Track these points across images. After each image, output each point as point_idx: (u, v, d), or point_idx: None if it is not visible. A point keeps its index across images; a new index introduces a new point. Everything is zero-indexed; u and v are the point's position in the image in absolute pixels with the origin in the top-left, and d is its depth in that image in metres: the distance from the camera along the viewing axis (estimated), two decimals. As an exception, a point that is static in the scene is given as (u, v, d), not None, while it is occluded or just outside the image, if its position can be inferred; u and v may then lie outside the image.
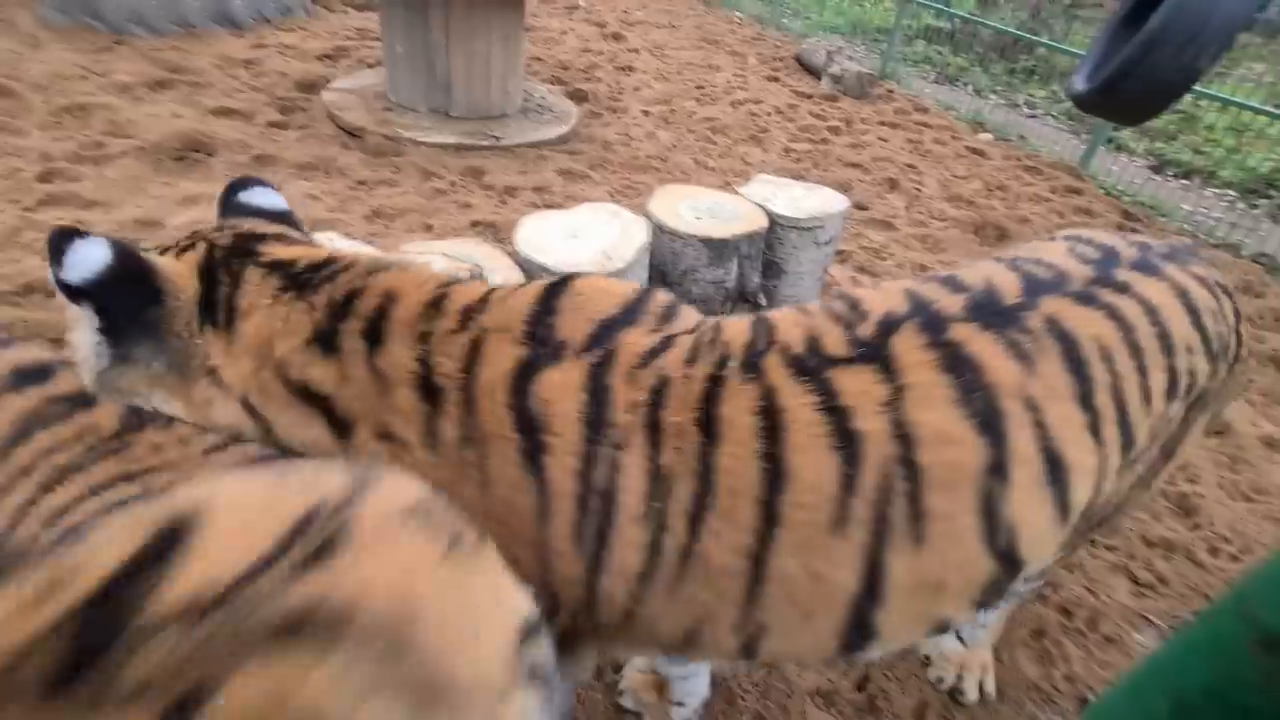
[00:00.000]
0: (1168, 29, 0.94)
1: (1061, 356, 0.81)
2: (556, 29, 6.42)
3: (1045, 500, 0.79)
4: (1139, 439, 0.86)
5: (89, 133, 3.29)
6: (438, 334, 0.81)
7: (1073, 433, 0.79)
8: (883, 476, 0.76)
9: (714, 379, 0.80)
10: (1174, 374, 0.88)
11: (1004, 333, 0.81)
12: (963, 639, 1.50)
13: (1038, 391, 0.79)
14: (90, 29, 4.51)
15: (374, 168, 3.43)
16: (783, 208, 2.22)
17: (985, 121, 5.72)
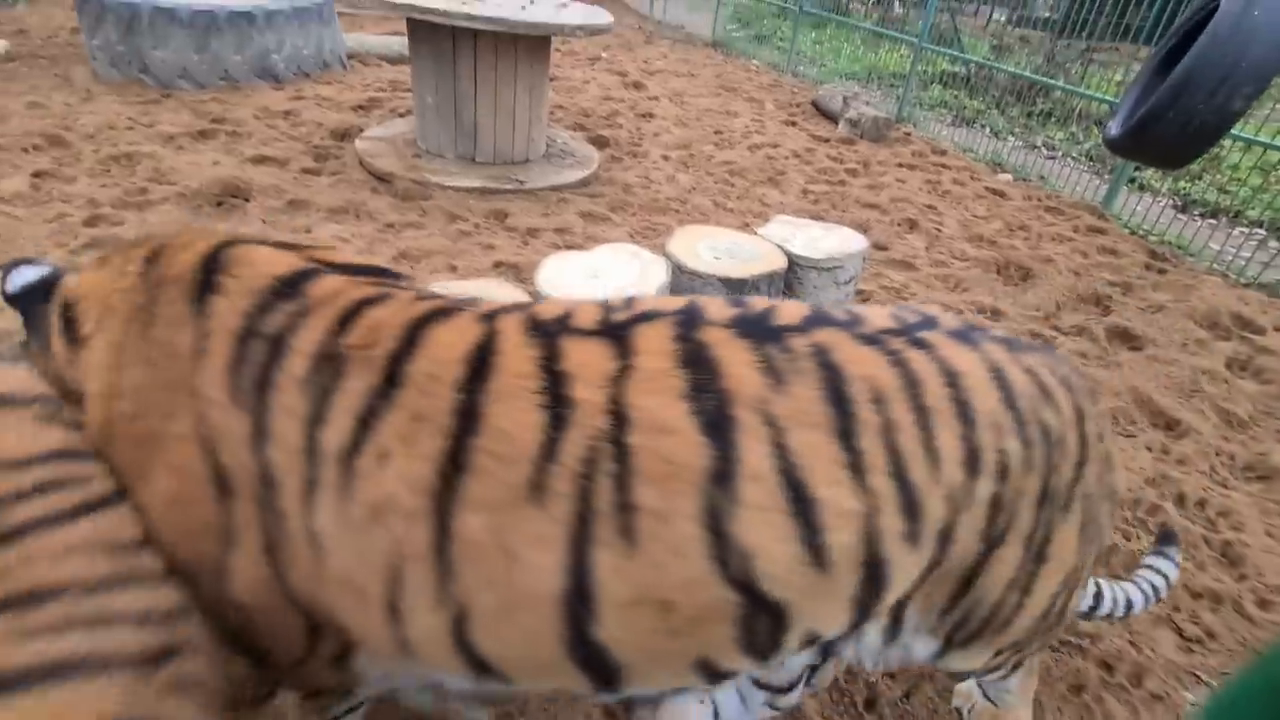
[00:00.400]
0: (1197, 73, 0.95)
1: (820, 384, 0.75)
2: (579, 78, 6.65)
3: (787, 532, 0.71)
4: (928, 505, 0.77)
5: (134, 180, 3.45)
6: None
7: (823, 466, 0.73)
8: (589, 449, 0.71)
9: (429, 317, 0.80)
10: (974, 446, 0.79)
11: (760, 345, 0.77)
12: (991, 698, 1.43)
13: (782, 411, 0.73)
14: (140, 83, 4.79)
15: (402, 211, 3.54)
16: (801, 248, 2.23)
17: (1004, 162, 5.74)
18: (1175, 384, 2.90)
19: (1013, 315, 3.37)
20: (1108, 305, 3.54)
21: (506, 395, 0.73)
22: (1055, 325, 3.33)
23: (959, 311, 3.33)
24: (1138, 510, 2.25)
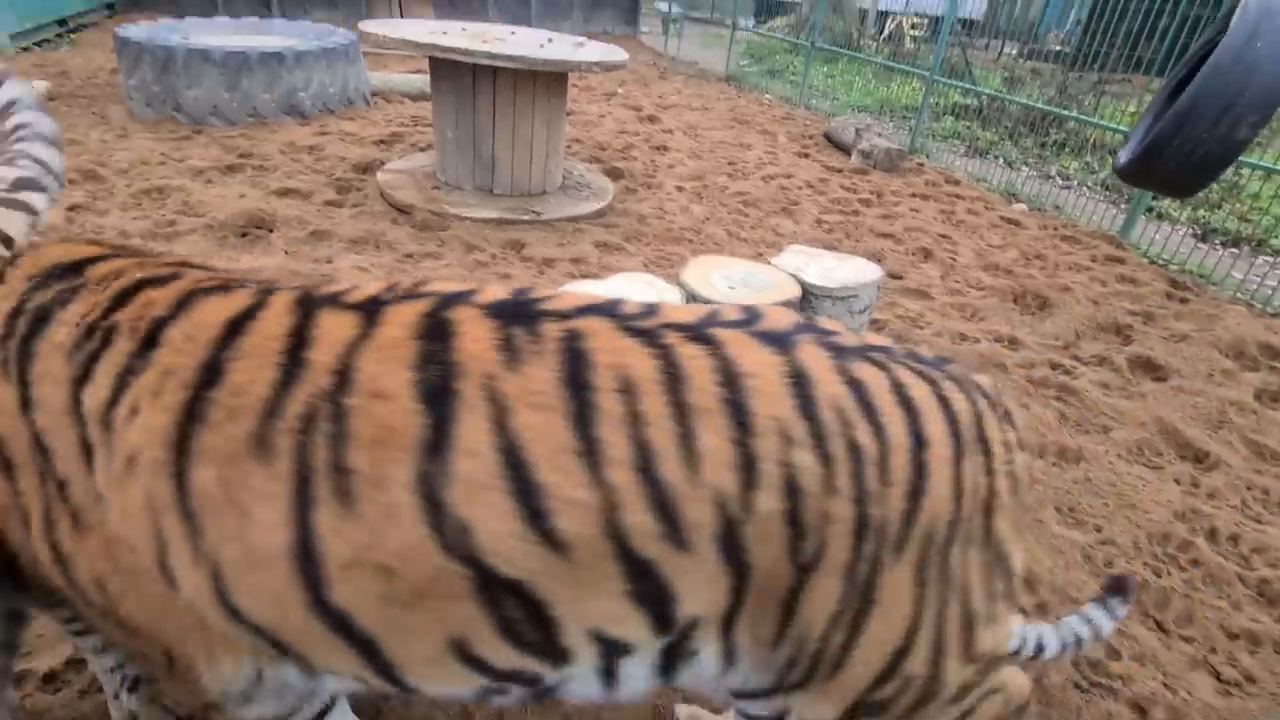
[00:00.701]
0: (1200, 102, 0.95)
1: (559, 367, 0.73)
2: (595, 113, 6.80)
3: (508, 510, 0.70)
4: (687, 507, 0.72)
5: (163, 212, 3.56)
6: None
7: (550, 451, 0.71)
8: (309, 408, 0.72)
9: (206, 290, 0.83)
10: (748, 453, 0.73)
11: (506, 326, 0.77)
12: None
13: (510, 389, 0.72)
14: (173, 120, 4.97)
15: (421, 241, 3.61)
16: (815, 277, 2.23)
17: (1018, 192, 5.74)
18: (1202, 415, 2.83)
19: (1031, 344, 3.33)
20: (1129, 335, 3.49)
21: (250, 354, 0.76)
22: (1075, 355, 3.28)
23: (975, 341, 3.30)
24: (1168, 546, 2.18)
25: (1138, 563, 2.10)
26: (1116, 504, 2.33)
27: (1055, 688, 1.67)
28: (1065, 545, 2.13)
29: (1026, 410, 2.81)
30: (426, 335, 0.76)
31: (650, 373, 0.75)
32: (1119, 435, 2.69)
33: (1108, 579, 1.19)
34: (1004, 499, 0.87)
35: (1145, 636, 1.85)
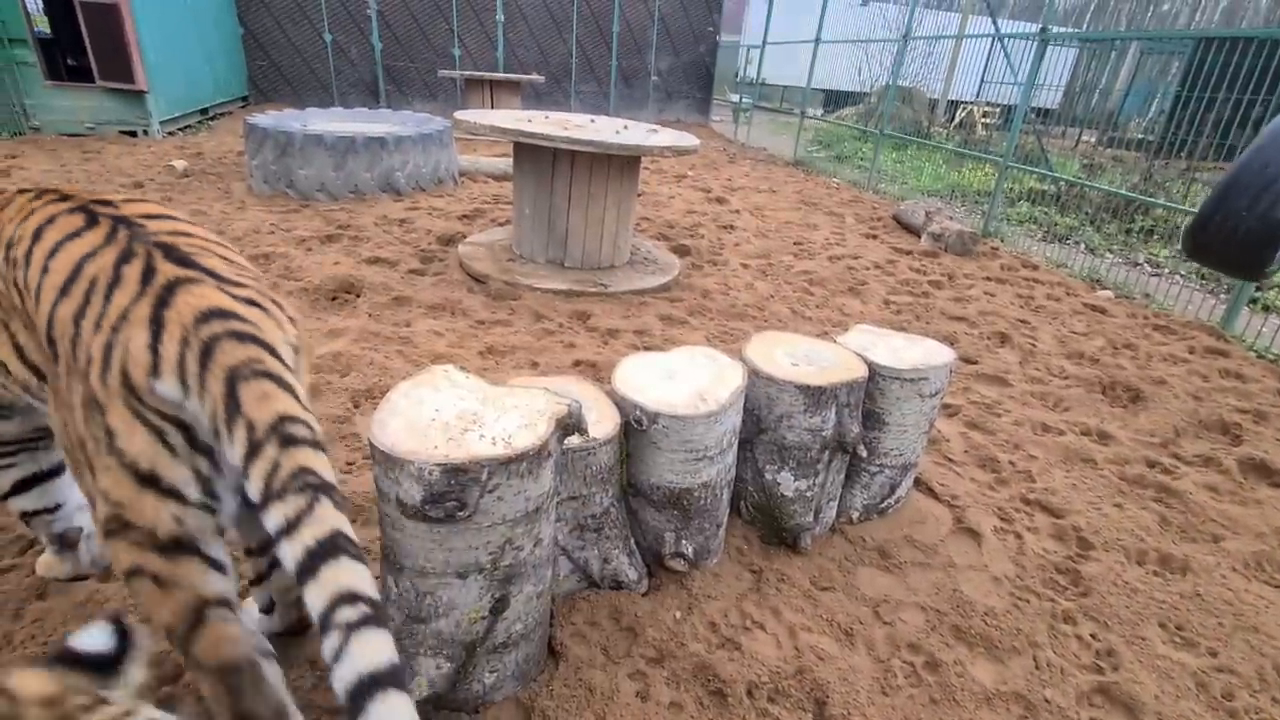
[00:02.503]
0: (1240, 179, 0.91)
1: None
2: (665, 194, 7.08)
3: None
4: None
5: (268, 275, 3.89)
6: None
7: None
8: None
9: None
10: None
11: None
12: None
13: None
14: (285, 196, 5.51)
15: (493, 309, 3.77)
16: (883, 357, 2.17)
17: (1102, 279, 5.50)
18: (1333, 529, 2.51)
19: (1123, 440, 3.09)
20: (1238, 434, 3.18)
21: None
22: (1175, 453, 3.01)
23: (1060, 433, 3.09)
24: (1301, 680, 1.89)
25: (1264, 697, 1.83)
26: (1234, 625, 2.06)
27: (1169, 842, 1.43)
28: (1173, 669, 1.88)
29: (1120, 510, 2.57)
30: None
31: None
32: (1232, 546, 2.41)
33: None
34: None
35: (1280, 790, 1.58)
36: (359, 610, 0.89)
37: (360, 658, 0.85)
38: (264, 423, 0.98)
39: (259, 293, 1.16)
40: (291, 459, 0.98)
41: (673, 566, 1.96)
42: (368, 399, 2.74)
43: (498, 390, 1.55)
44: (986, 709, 1.71)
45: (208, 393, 0.98)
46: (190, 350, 0.99)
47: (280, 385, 1.04)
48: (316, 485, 0.98)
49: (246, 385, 0.99)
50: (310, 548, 0.92)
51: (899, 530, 2.31)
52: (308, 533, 0.92)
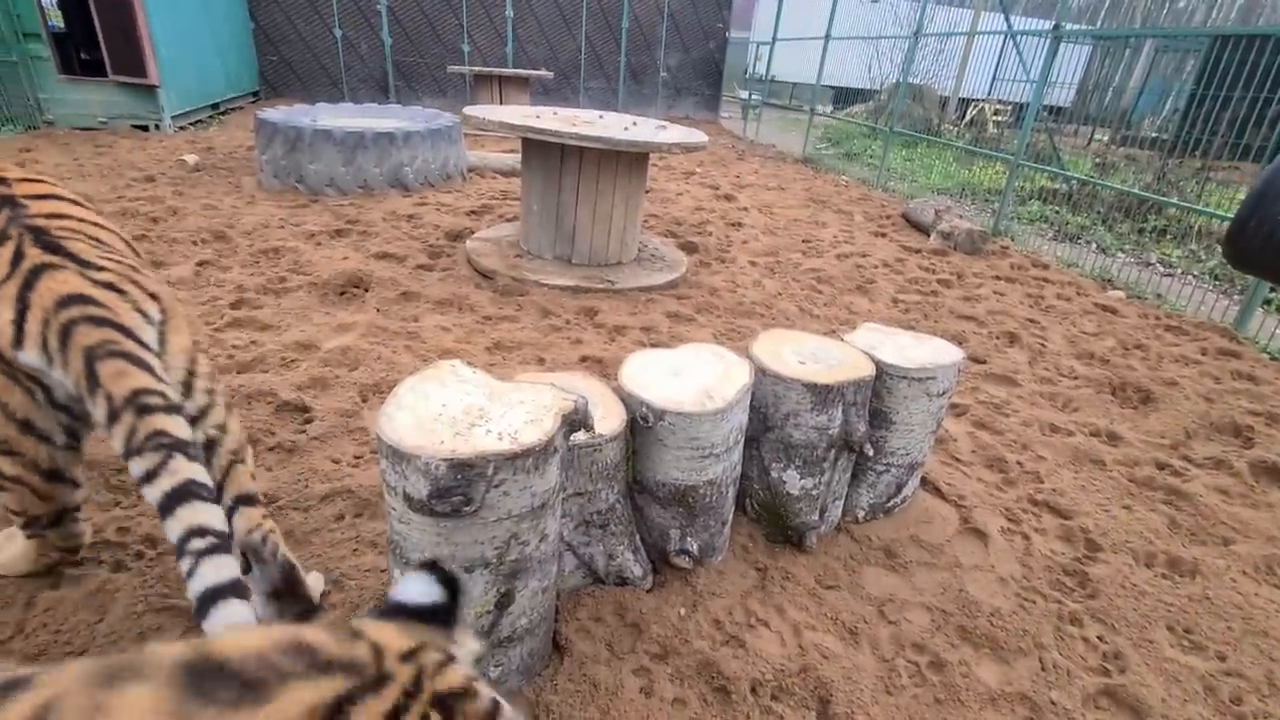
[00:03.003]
0: (1274, 182, 0.90)
1: None
2: (673, 191, 7.06)
3: None
4: None
5: (277, 270, 3.91)
6: None
7: None
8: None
9: None
10: None
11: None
12: None
13: None
14: (295, 191, 5.53)
15: (500, 305, 3.78)
16: (890, 356, 2.16)
17: (1114, 278, 5.45)
18: (1346, 533, 2.48)
19: (1133, 441, 3.06)
20: (1249, 437, 3.15)
21: None
22: (1186, 455, 2.99)
23: (1069, 433, 3.07)
24: (1311, 685, 1.87)
25: (1273, 702, 1.81)
26: (1243, 629, 2.04)
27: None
28: (1181, 672, 1.87)
29: (1129, 512, 2.55)
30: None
31: None
32: (1243, 549, 2.39)
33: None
34: None
35: (1288, 795, 1.57)
36: (208, 541, 1.14)
37: (208, 576, 1.09)
38: (120, 395, 1.17)
39: (119, 275, 1.31)
40: (147, 424, 1.17)
41: (678, 563, 1.96)
42: (375, 393, 2.75)
43: (504, 386, 1.55)
44: (991, 710, 1.70)
45: (70, 366, 1.18)
46: (51, 330, 1.18)
47: (133, 362, 1.22)
48: (170, 444, 1.21)
49: (103, 364, 1.17)
50: (167, 492, 1.15)
51: (905, 530, 2.30)
52: (164, 481, 1.15)
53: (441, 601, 0.64)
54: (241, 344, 3.03)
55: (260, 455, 2.32)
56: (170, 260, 3.86)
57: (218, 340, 3.03)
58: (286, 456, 2.33)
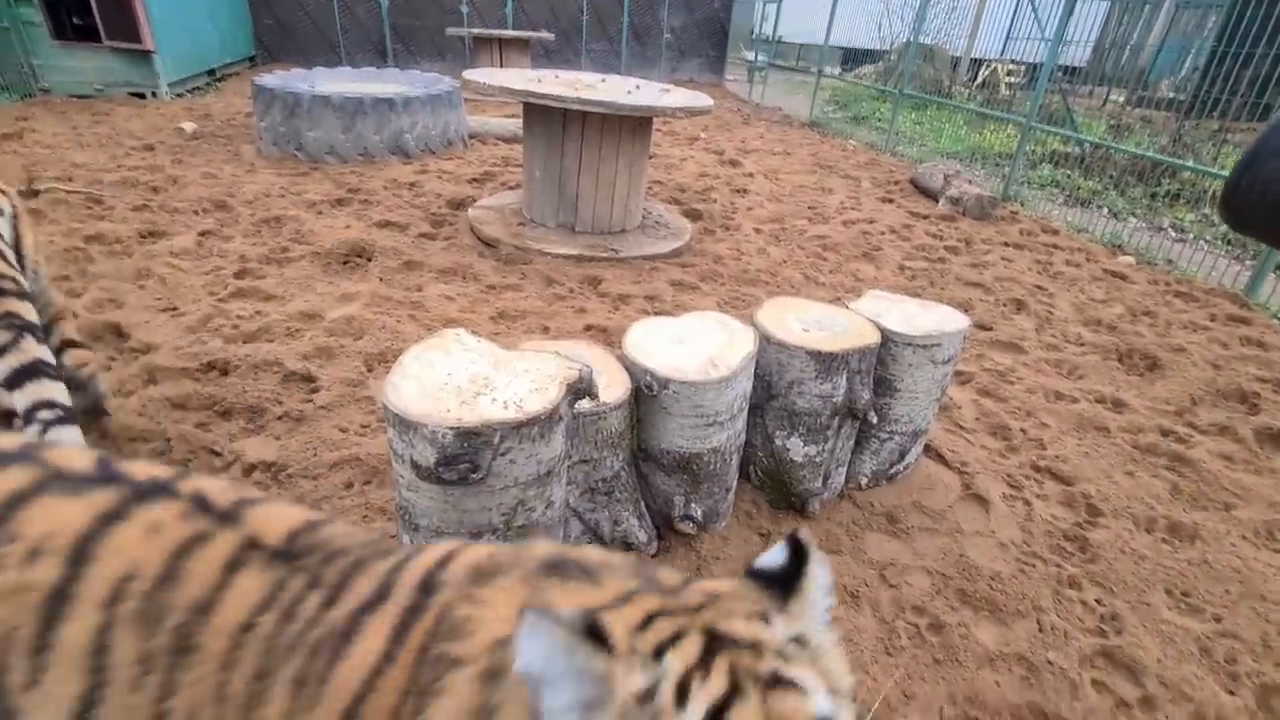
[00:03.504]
0: (1269, 141, 0.88)
1: None
2: (678, 156, 6.95)
3: None
4: None
5: (279, 240, 3.89)
6: None
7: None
8: None
9: None
10: None
11: None
12: None
13: None
14: (294, 159, 5.47)
15: (504, 274, 3.76)
16: (896, 324, 2.15)
17: (1124, 244, 5.38)
18: (1348, 499, 2.49)
19: (1138, 408, 3.06)
20: (1255, 403, 3.14)
21: None
22: (1191, 422, 2.99)
23: (1074, 400, 3.06)
24: (1305, 646, 1.91)
25: (1267, 662, 1.85)
26: (1240, 592, 2.07)
27: (1164, 798, 1.47)
28: (1177, 634, 1.90)
29: (1131, 478, 2.56)
30: None
31: None
32: (1243, 514, 2.41)
33: None
34: None
35: (1277, 750, 1.61)
36: (55, 413, 1.36)
37: (56, 443, 1.17)
38: None
39: None
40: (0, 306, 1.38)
41: (682, 529, 1.99)
42: (380, 363, 2.77)
43: (509, 354, 1.56)
44: (989, 669, 1.74)
45: None
46: None
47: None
48: (20, 325, 1.39)
49: None
50: (16, 369, 1.34)
51: (907, 496, 2.32)
52: (13, 359, 1.33)
53: (787, 569, 0.68)
54: (246, 314, 3.04)
55: (268, 424, 2.35)
56: (172, 230, 3.84)
57: (222, 311, 3.03)
58: (295, 425, 2.35)
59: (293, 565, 0.77)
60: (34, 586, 0.71)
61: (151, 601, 0.72)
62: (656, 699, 0.54)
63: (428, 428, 1.30)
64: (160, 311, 2.99)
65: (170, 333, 2.82)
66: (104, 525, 0.75)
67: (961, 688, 1.68)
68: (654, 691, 0.55)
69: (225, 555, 0.76)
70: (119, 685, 0.72)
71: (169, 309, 3.02)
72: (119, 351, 2.66)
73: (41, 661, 0.71)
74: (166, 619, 0.72)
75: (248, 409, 2.40)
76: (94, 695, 0.72)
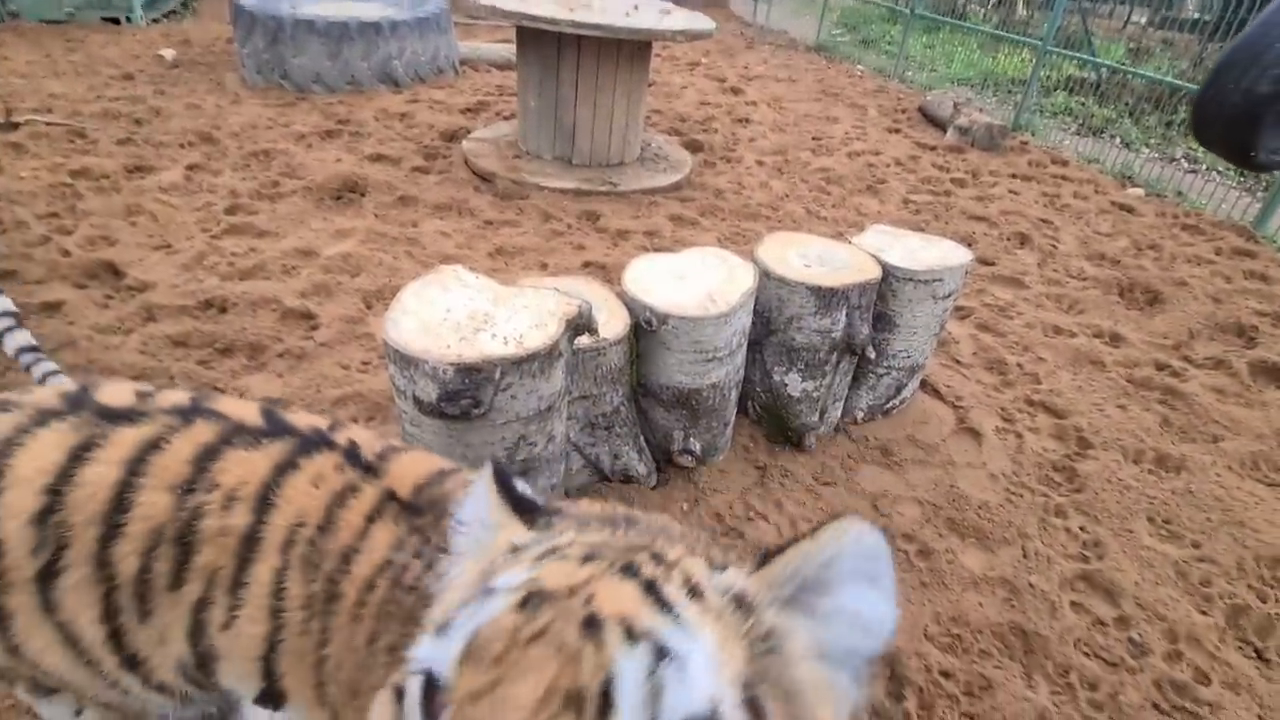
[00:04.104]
0: (1235, 55, 0.86)
1: None
2: (678, 84, 6.68)
3: None
4: None
5: (269, 174, 3.80)
6: None
7: None
8: None
9: None
10: None
11: None
12: None
13: None
14: (280, 88, 5.26)
15: (500, 209, 3.69)
16: (897, 259, 2.13)
17: (1135, 176, 5.25)
18: (1334, 430, 2.54)
19: (1135, 342, 3.08)
20: (1253, 337, 3.16)
21: None
22: (1186, 356, 3.01)
23: (1071, 335, 3.07)
24: (1278, 569, 1.99)
25: (1240, 585, 1.93)
26: (1220, 520, 2.14)
27: (1131, 705, 1.58)
28: (1156, 559, 1.98)
29: (1123, 411, 2.61)
30: None
31: None
32: (1230, 446, 2.46)
33: None
34: None
35: (1241, 663, 1.71)
36: (5, 322, 1.77)
37: (10, 343, 1.46)
38: None
39: None
40: None
41: (681, 462, 2.04)
42: (379, 300, 2.76)
43: (508, 291, 1.55)
44: (973, 592, 1.82)
45: None
46: None
47: None
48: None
49: None
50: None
51: (902, 430, 2.37)
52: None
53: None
54: (240, 251, 3.00)
55: (270, 361, 2.36)
56: (159, 164, 3.74)
57: (216, 248, 2.99)
58: (296, 363, 2.37)
59: (411, 523, 0.79)
60: (232, 531, 0.76)
61: (314, 548, 0.77)
62: (498, 554, 0.56)
63: (429, 364, 1.31)
64: (154, 249, 2.95)
65: (166, 270, 2.79)
66: (280, 475, 0.79)
67: (946, 608, 1.77)
68: (518, 549, 0.55)
69: (368, 507, 0.79)
70: (292, 628, 0.77)
71: (162, 246, 2.98)
72: (115, 290, 2.65)
73: (237, 599, 0.76)
74: (323, 565, 0.76)
75: (248, 346, 2.41)
76: (275, 636, 0.77)
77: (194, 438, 0.81)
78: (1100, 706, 1.58)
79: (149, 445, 0.79)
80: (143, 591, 0.76)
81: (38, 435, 0.78)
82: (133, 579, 0.76)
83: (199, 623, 0.77)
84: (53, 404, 0.82)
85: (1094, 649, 1.71)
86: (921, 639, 1.68)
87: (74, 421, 0.80)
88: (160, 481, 0.77)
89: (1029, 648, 1.70)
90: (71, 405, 0.82)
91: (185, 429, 0.81)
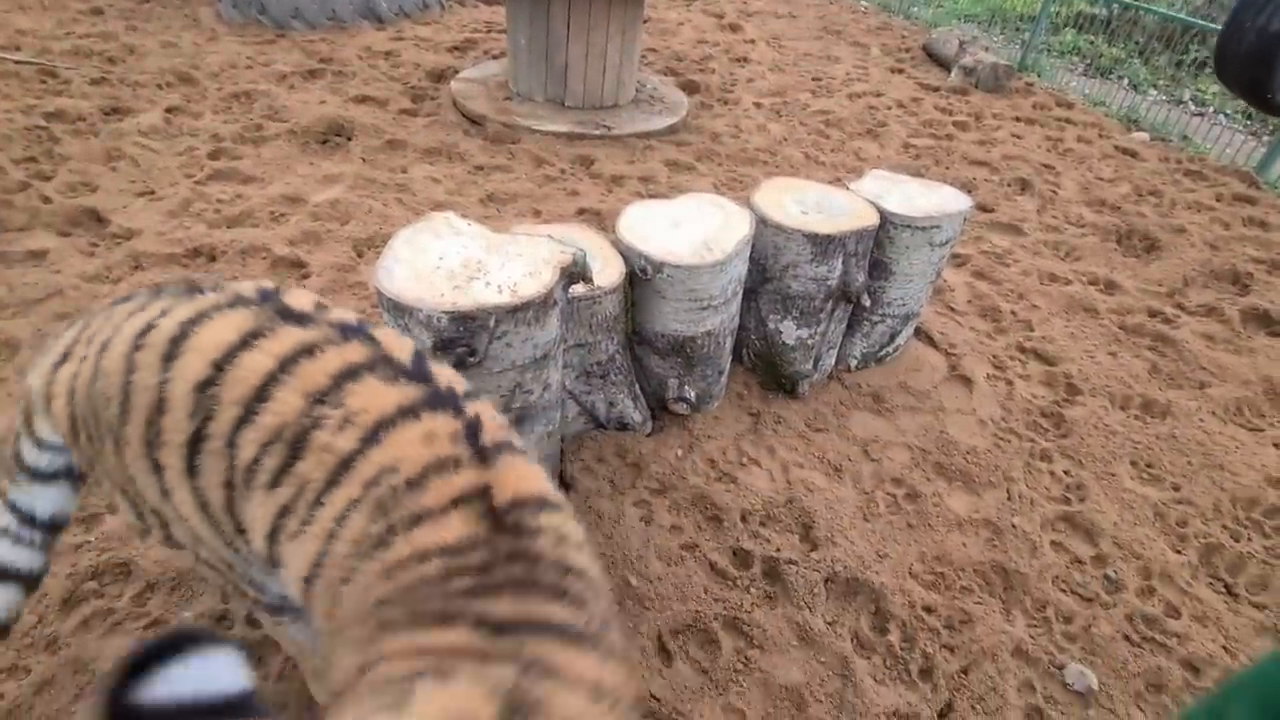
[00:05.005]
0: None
1: None
2: (674, 20, 6.42)
3: None
4: None
5: (251, 116, 3.68)
6: None
7: None
8: None
9: None
10: None
11: None
12: None
13: None
14: (258, 24, 5.03)
15: (491, 154, 3.60)
16: (896, 205, 2.10)
17: (1140, 119, 5.14)
18: (1319, 377, 2.58)
19: (1130, 289, 3.08)
20: (1247, 284, 3.16)
21: None
22: (1180, 303, 3.02)
23: (1066, 282, 3.07)
24: (1254, 511, 2.06)
25: (1215, 525, 2.00)
26: (1201, 463, 2.20)
27: (1103, 637, 1.65)
28: (1136, 500, 2.05)
29: (1113, 358, 2.63)
30: None
31: None
32: (1216, 392, 2.50)
33: None
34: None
35: (1211, 599, 1.79)
36: None
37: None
38: None
39: None
40: None
41: (675, 409, 2.06)
42: (370, 247, 2.72)
43: (501, 238, 1.53)
44: (957, 533, 1.88)
45: None
46: None
47: None
48: None
49: None
50: None
51: (895, 377, 2.39)
52: None
53: None
54: (226, 198, 2.94)
55: (263, 311, 2.35)
56: (136, 106, 3.61)
57: (201, 194, 2.93)
58: (290, 312, 2.36)
59: (488, 534, 0.74)
60: (334, 450, 0.78)
61: (393, 498, 0.76)
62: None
63: (422, 312, 1.30)
64: (137, 195, 2.89)
65: (151, 218, 2.74)
66: (399, 416, 0.79)
67: (931, 548, 1.83)
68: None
69: (459, 490, 0.76)
70: (334, 558, 0.77)
71: (146, 192, 2.91)
72: (100, 238, 2.60)
73: (310, 516, 0.78)
74: (391, 514, 0.75)
75: (240, 296, 2.39)
76: (319, 561, 0.78)
77: (344, 354, 0.83)
78: (1074, 638, 1.66)
79: (304, 349, 0.82)
80: (249, 479, 0.80)
81: (225, 314, 0.85)
82: (245, 466, 0.80)
83: (277, 527, 0.80)
84: (247, 293, 0.89)
85: (1071, 585, 1.78)
86: (906, 577, 1.74)
87: (256, 311, 0.85)
88: (300, 384, 0.80)
89: (1008, 584, 1.77)
90: (261, 298, 0.89)
91: (341, 344, 0.84)
